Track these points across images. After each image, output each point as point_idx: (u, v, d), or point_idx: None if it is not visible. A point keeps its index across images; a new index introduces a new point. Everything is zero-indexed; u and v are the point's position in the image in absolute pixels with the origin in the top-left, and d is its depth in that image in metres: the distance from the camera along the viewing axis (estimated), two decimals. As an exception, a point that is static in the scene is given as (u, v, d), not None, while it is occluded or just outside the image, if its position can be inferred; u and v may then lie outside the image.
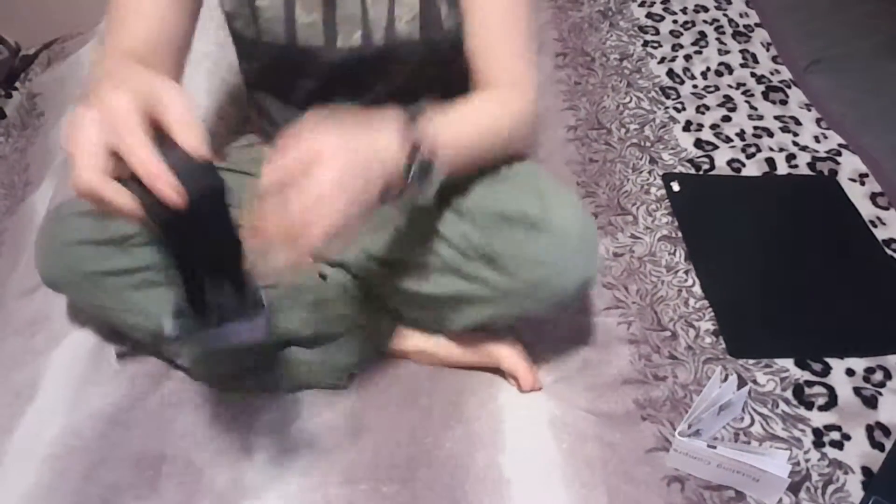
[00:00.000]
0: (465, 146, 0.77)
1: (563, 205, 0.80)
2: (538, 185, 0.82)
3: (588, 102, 1.47)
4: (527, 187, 0.82)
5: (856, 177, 1.31)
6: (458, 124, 0.75)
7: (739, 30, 1.68)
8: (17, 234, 1.21)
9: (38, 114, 1.48)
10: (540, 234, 0.79)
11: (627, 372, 1.00)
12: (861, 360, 1.03)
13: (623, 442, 0.92)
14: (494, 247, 0.81)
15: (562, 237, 0.79)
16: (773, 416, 0.96)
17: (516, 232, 0.79)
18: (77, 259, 0.85)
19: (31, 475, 0.85)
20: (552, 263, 0.79)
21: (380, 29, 0.84)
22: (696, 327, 1.07)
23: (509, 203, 0.80)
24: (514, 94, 0.83)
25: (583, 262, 0.81)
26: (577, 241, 0.80)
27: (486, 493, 0.86)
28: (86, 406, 0.92)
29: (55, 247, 0.85)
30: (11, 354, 0.98)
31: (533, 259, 0.79)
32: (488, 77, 0.83)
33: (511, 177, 0.85)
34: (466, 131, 0.77)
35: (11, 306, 1.05)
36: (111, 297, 0.87)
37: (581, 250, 0.80)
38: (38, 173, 1.32)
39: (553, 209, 0.79)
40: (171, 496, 0.84)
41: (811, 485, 0.89)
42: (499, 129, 0.81)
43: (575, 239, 0.80)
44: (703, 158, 1.35)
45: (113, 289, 0.86)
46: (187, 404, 0.93)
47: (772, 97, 1.49)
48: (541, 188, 0.82)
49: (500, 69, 0.83)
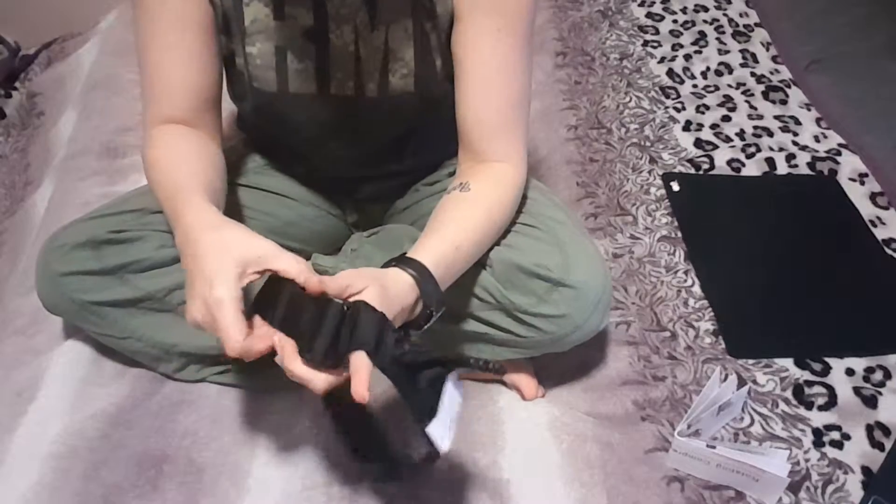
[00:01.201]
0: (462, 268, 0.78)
1: (584, 260, 0.80)
2: (559, 236, 0.82)
3: (588, 102, 1.47)
4: (548, 238, 0.82)
5: (855, 176, 1.31)
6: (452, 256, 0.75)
7: (739, 29, 1.69)
8: (18, 233, 1.21)
9: (37, 113, 1.48)
10: (561, 291, 0.79)
11: (627, 373, 1.00)
12: (861, 359, 1.04)
13: (622, 442, 0.92)
14: (514, 300, 0.81)
15: (583, 293, 0.80)
16: (772, 415, 0.96)
17: (537, 287, 0.80)
18: (74, 290, 0.85)
19: (32, 475, 0.85)
20: (572, 317, 0.80)
21: (373, 81, 0.82)
22: (696, 327, 1.07)
23: (530, 257, 0.80)
24: (505, 172, 0.81)
25: (601, 313, 0.82)
26: (596, 297, 0.80)
27: (486, 493, 0.86)
28: (87, 406, 0.92)
29: (52, 277, 0.85)
30: (12, 354, 0.98)
31: (553, 314, 0.80)
32: (478, 151, 0.82)
33: (533, 227, 0.84)
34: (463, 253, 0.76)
35: (12, 306, 1.05)
36: (111, 326, 0.88)
37: (600, 302, 0.81)
38: (38, 173, 1.32)
39: (574, 265, 0.79)
40: (172, 496, 0.85)
41: (811, 484, 0.89)
42: (492, 230, 0.80)
43: (595, 295, 0.80)
44: (702, 158, 1.35)
45: (112, 318, 0.87)
46: (189, 404, 0.93)
47: (772, 97, 1.49)
48: (561, 240, 0.82)
49: (491, 145, 0.81)
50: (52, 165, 1.30)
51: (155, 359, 0.92)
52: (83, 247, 0.84)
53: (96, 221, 0.86)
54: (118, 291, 0.85)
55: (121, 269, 0.85)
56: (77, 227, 0.87)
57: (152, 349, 0.90)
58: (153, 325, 0.88)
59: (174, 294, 0.87)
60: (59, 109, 1.44)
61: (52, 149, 1.35)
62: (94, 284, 0.85)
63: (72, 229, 0.86)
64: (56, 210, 1.19)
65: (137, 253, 0.85)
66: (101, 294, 0.85)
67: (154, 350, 0.90)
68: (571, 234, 0.83)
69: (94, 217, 0.87)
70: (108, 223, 0.86)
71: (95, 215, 0.88)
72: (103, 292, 0.85)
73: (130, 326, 0.88)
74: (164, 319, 0.88)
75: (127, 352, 0.92)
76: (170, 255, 0.86)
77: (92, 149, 1.29)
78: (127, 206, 0.88)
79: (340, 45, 0.80)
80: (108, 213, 0.88)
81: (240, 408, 0.94)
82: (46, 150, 1.36)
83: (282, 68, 0.82)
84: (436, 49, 0.82)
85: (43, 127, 1.44)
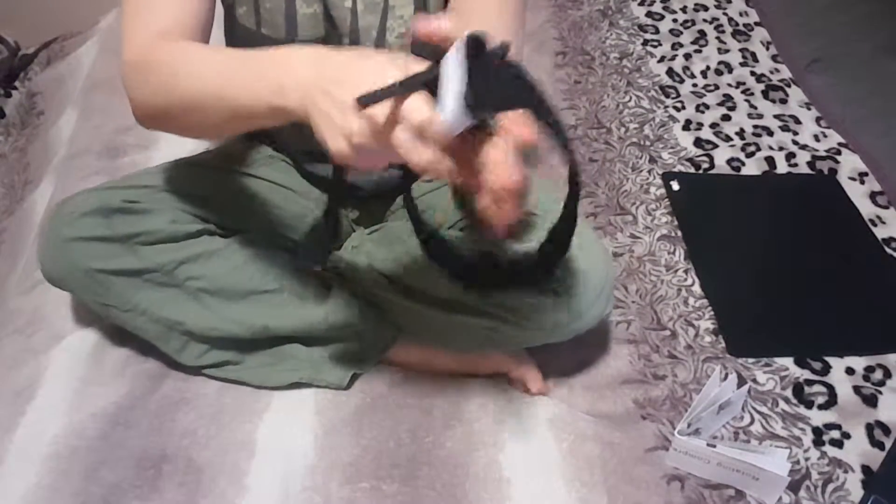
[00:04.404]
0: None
1: (587, 246, 0.79)
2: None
3: (588, 101, 1.47)
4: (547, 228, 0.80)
5: (855, 176, 1.31)
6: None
7: (739, 29, 1.69)
8: (17, 233, 1.21)
9: (37, 113, 1.48)
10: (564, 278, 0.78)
11: (627, 371, 1.00)
12: (861, 358, 1.04)
13: (623, 441, 0.92)
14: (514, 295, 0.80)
15: (586, 280, 0.78)
16: (772, 414, 0.96)
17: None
18: (81, 256, 0.83)
19: (31, 475, 0.85)
20: (574, 309, 0.80)
21: (369, 39, 0.80)
22: (696, 326, 1.07)
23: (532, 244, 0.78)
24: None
25: (603, 302, 0.81)
26: (600, 284, 0.79)
27: (486, 493, 0.86)
28: (87, 405, 0.92)
29: (59, 243, 0.83)
30: (11, 354, 0.98)
31: (554, 306, 0.79)
32: None
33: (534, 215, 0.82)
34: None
35: (11, 305, 1.05)
36: (115, 297, 0.86)
37: (604, 288, 0.80)
38: (37, 172, 1.32)
39: (576, 252, 0.78)
40: (171, 496, 0.84)
41: (811, 483, 0.89)
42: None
43: (598, 281, 0.79)
44: (702, 157, 1.35)
45: (117, 288, 0.85)
46: (188, 403, 0.93)
47: (771, 96, 1.49)
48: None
49: None
50: (51, 165, 1.30)
51: (156, 336, 0.90)
52: (94, 213, 0.83)
53: (109, 192, 0.85)
54: (126, 261, 0.84)
55: (131, 239, 0.84)
56: (88, 195, 0.85)
57: (155, 325, 0.88)
58: (158, 300, 0.87)
59: (182, 268, 0.86)
60: (58, 109, 1.44)
61: (51, 148, 1.35)
62: (102, 251, 0.83)
63: (82, 197, 0.85)
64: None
65: (150, 224, 0.84)
66: (108, 262, 0.83)
67: (156, 326, 0.88)
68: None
69: (108, 188, 0.86)
70: (122, 194, 0.85)
71: (108, 186, 0.87)
72: (110, 260, 0.83)
73: (135, 299, 0.86)
74: (170, 294, 0.87)
75: (128, 326, 0.90)
76: (182, 230, 0.86)
77: (92, 148, 1.29)
78: (140, 181, 0.87)
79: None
80: (121, 186, 0.87)
81: (239, 407, 0.93)
82: (46, 150, 1.36)
83: (291, 13, 0.79)
84: (435, 8, 0.79)
85: (43, 126, 1.44)
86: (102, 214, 0.83)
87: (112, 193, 0.85)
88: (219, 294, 0.89)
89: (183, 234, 0.86)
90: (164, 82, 0.69)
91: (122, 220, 0.84)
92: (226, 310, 0.89)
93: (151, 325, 0.88)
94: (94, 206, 0.83)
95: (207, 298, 0.89)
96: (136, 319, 0.88)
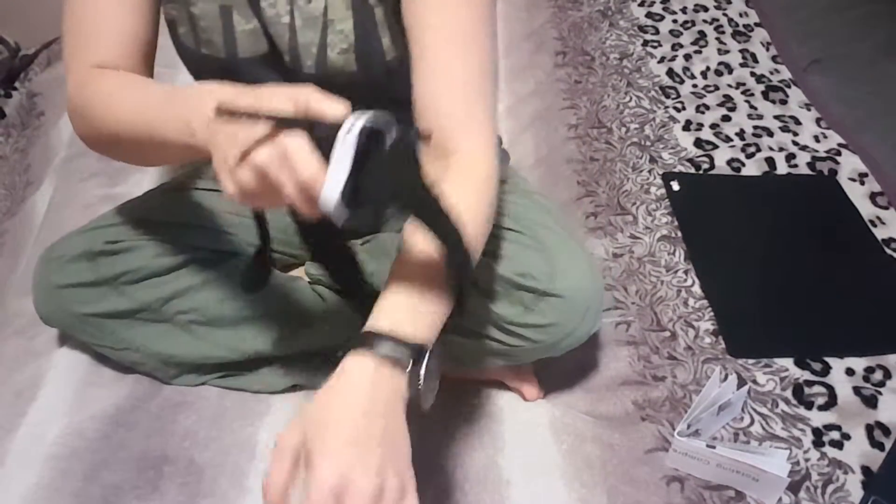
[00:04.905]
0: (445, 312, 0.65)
1: (571, 266, 0.77)
2: (544, 241, 0.79)
3: (588, 101, 1.47)
4: (533, 245, 0.79)
5: (855, 176, 1.31)
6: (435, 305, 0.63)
7: (739, 29, 1.68)
8: (18, 234, 1.21)
9: (38, 113, 1.48)
10: (548, 300, 0.77)
11: (627, 373, 1.00)
12: (861, 359, 1.04)
13: (622, 442, 0.92)
14: (500, 312, 0.79)
15: (570, 301, 0.77)
16: (772, 415, 0.96)
17: (523, 297, 0.78)
18: (71, 302, 0.85)
19: (32, 475, 0.85)
20: (561, 325, 0.79)
21: (310, 56, 0.75)
22: (696, 327, 1.07)
23: (514, 266, 0.77)
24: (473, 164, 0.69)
25: (591, 319, 0.80)
26: (585, 304, 0.78)
27: (486, 493, 0.86)
28: (87, 406, 0.92)
29: (49, 290, 0.85)
30: (12, 355, 0.98)
31: (542, 323, 0.78)
32: (440, 138, 0.69)
33: (517, 232, 0.80)
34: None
35: (12, 307, 1.05)
36: (109, 337, 0.88)
37: (589, 309, 0.79)
38: (38, 173, 1.32)
39: (559, 273, 0.76)
40: (172, 497, 0.85)
41: (811, 484, 0.89)
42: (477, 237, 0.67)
43: (583, 301, 0.78)
44: (702, 158, 1.35)
45: (109, 329, 0.87)
46: (189, 406, 0.93)
47: (771, 97, 1.49)
48: (547, 246, 0.78)
49: (454, 131, 0.69)
50: (52, 166, 1.30)
51: (153, 369, 0.92)
52: (79, 258, 0.84)
53: (92, 233, 0.86)
54: (114, 302, 0.85)
55: (116, 279, 0.85)
56: (73, 239, 0.86)
57: (150, 360, 0.90)
58: (150, 336, 0.88)
59: (171, 304, 0.87)
60: (59, 109, 1.44)
61: (52, 149, 1.35)
62: (91, 296, 0.84)
63: (67, 241, 0.86)
64: (57, 211, 1.19)
65: (133, 262, 0.85)
66: (98, 305, 0.85)
67: (151, 360, 0.91)
68: (558, 238, 0.80)
69: (90, 229, 0.87)
70: (104, 234, 0.85)
71: (91, 227, 0.87)
72: (100, 303, 0.85)
73: (128, 337, 0.88)
74: (161, 329, 0.88)
75: (125, 362, 0.92)
76: (166, 264, 0.86)
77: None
78: (122, 217, 0.88)
79: (273, 14, 0.73)
80: (103, 225, 0.87)
81: (240, 409, 0.94)
82: (47, 151, 1.36)
83: (229, 31, 0.74)
84: (382, 24, 0.74)
85: (43, 127, 1.43)
86: (87, 258, 0.84)
87: (95, 234, 0.85)
88: (210, 324, 0.89)
89: (167, 267, 0.86)
90: (99, 117, 0.70)
91: (105, 262, 0.84)
92: (219, 337, 0.90)
93: (146, 360, 0.90)
94: (80, 250, 0.84)
95: (199, 329, 0.89)
96: (131, 356, 0.90)
